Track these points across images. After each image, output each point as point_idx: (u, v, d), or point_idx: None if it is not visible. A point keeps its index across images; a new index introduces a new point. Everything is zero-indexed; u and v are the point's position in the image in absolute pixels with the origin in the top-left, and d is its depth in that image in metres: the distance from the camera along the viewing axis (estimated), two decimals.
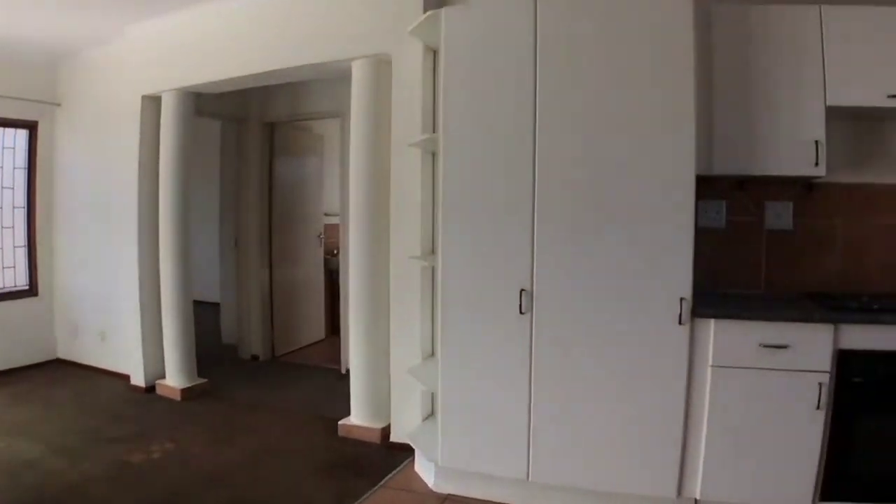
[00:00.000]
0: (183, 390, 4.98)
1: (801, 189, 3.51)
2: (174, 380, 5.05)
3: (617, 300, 2.98)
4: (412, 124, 3.74)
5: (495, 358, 3.15)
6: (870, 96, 3.09)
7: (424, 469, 3.55)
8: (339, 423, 4.20)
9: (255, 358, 6.27)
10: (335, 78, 4.72)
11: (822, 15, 3.09)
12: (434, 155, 3.73)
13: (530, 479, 3.12)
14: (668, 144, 2.90)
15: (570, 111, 2.99)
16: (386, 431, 4.04)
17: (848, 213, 3.52)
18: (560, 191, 3.01)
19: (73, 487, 3.42)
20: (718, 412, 2.93)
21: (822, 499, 2.94)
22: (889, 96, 3.06)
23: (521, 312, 3.07)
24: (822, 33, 3.09)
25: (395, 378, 3.96)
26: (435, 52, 3.69)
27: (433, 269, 3.70)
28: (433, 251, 3.74)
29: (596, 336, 3.01)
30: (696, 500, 3.03)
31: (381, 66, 3.92)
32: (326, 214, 7.12)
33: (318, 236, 6.93)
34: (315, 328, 6.98)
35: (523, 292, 3.06)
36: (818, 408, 2.86)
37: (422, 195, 3.75)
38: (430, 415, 3.82)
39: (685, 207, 2.89)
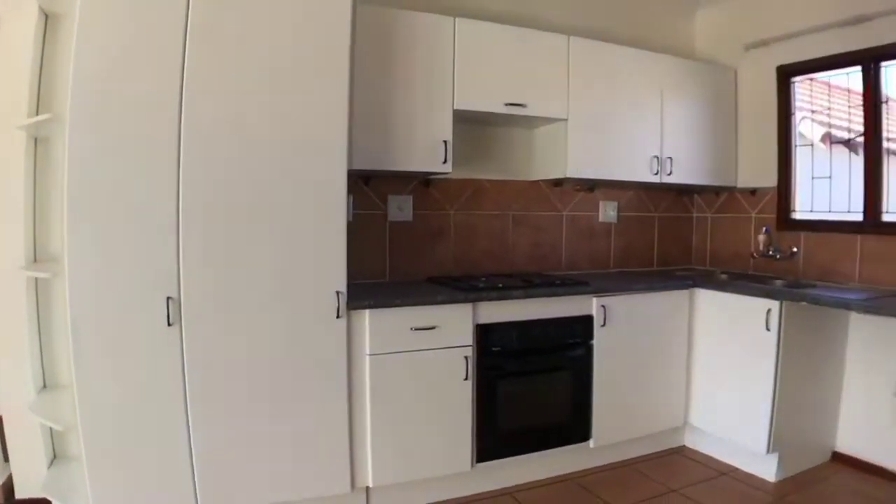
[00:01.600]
0: None
1: (420, 184, 3.90)
2: None
3: (275, 301, 2.88)
4: (17, 103, 3.07)
5: (144, 378, 2.75)
6: (490, 103, 3.63)
7: None
8: None
9: None
10: None
11: (456, 26, 3.51)
12: (36, 141, 3.17)
13: None
14: (323, 141, 2.93)
15: (224, 103, 2.77)
16: (9, 486, 3.37)
17: (459, 206, 4.03)
18: (211, 186, 2.77)
19: None
20: (380, 399, 3.09)
21: (479, 460, 3.35)
22: (506, 104, 3.65)
23: (168, 324, 2.74)
24: (454, 43, 3.50)
25: (8, 418, 3.28)
26: (47, 17, 3.12)
27: (37, 281, 3.16)
28: (35, 258, 3.18)
29: (256, 341, 2.87)
30: (368, 488, 3.16)
31: None
32: None
33: None
34: None
35: (170, 300, 2.74)
36: (466, 379, 3.25)
37: (25, 190, 3.11)
38: (55, 458, 3.28)
39: (338, 202, 2.96)
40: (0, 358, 3.22)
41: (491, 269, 4.13)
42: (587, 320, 3.65)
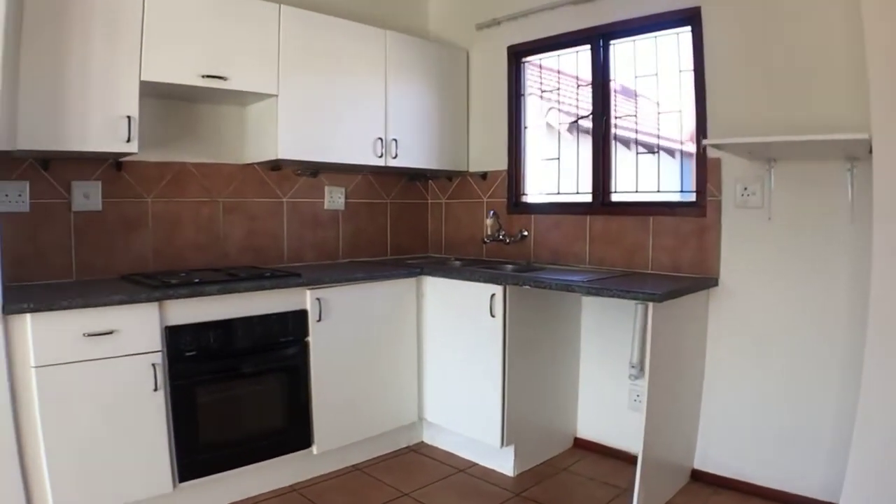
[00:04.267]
0: None
1: (110, 168, 3.61)
2: None
3: None
4: None
5: None
6: (185, 74, 3.40)
7: None
8: None
9: None
10: None
11: None
12: None
13: None
14: None
15: None
16: None
17: (158, 192, 3.80)
18: None
19: None
20: (54, 419, 2.78)
21: (183, 479, 3.15)
22: (204, 76, 3.44)
23: None
24: (143, 6, 3.23)
25: None
26: None
27: None
28: None
29: None
30: None
31: None
32: None
33: None
34: None
35: None
36: (156, 389, 3.02)
37: None
38: None
39: None
40: None
41: (199, 263, 3.93)
42: (301, 315, 3.57)
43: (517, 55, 4.59)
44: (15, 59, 2.88)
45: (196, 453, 3.20)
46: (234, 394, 3.36)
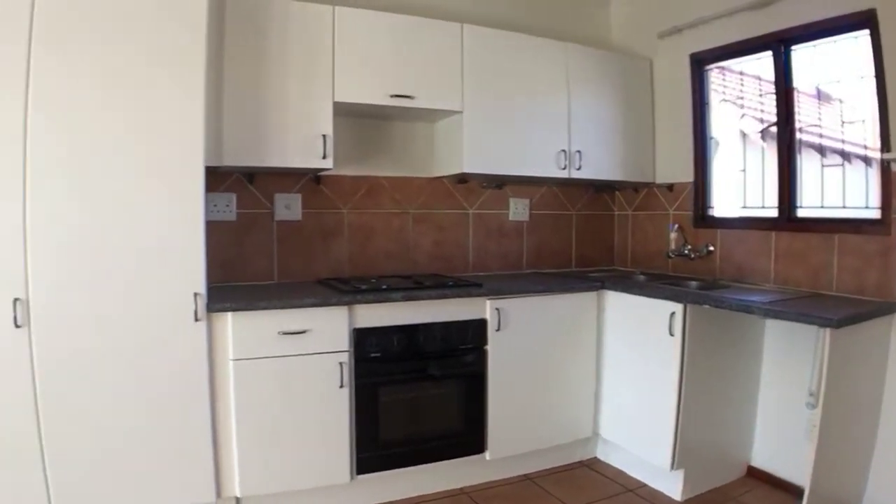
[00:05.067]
0: None
1: (310, 181, 3.98)
2: None
3: (128, 304, 2.90)
4: None
5: None
6: (374, 95, 3.70)
7: None
8: None
9: None
10: None
11: (336, 16, 3.57)
12: None
13: None
14: (174, 133, 2.95)
15: (60, 90, 2.75)
16: None
17: (354, 204, 4.13)
18: (51, 181, 2.76)
19: None
20: (246, 406, 3.14)
21: (360, 472, 3.42)
22: (391, 96, 3.72)
23: (16, 326, 2.73)
24: (333, 33, 3.57)
25: None
26: None
27: None
28: None
29: (109, 344, 2.87)
30: (237, 498, 3.21)
31: None
32: None
33: None
34: None
35: (17, 302, 2.73)
36: (342, 386, 3.31)
37: None
38: None
39: (194, 200, 2.99)
40: None
41: (390, 270, 4.21)
42: (481, 324, 3.72)
43: (699, 63, 4.50)
44: (218, 87, 3.29)
45: (375, 449, 3.44)
46: (414, 395, 3.58)
